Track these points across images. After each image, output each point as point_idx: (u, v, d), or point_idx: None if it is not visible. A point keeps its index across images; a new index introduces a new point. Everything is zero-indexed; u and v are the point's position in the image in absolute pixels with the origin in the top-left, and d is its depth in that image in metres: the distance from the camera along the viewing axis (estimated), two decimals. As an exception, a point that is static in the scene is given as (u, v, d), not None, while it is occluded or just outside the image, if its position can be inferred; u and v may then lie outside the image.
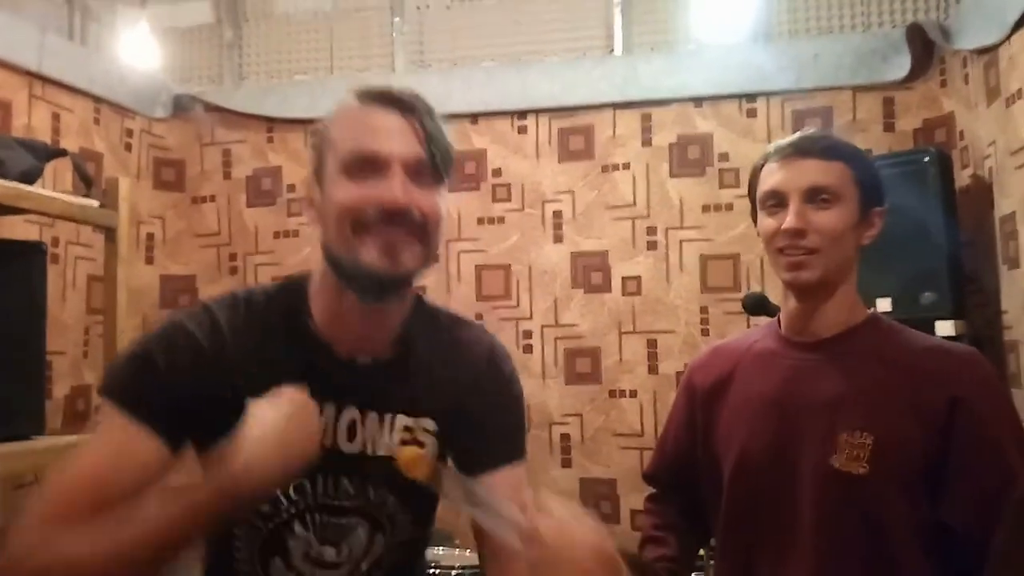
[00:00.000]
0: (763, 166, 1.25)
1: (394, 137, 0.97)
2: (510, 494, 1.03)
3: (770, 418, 1.24)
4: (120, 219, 2.21)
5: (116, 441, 0.96)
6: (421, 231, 0.98)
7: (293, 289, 1.09)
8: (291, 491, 1.04)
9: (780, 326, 1.31)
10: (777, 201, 1.21)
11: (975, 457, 1.10)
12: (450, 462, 1.12)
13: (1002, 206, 2.37)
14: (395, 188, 0.96)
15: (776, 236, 1.20)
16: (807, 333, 1.26)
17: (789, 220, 1.17)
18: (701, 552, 2.38)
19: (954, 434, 1.11)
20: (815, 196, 1.18)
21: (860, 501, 1.12)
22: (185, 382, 0.99)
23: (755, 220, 1.29)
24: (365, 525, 1.08)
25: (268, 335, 1.04)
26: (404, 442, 1.06)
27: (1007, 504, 1.01)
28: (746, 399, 1.29)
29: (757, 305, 1.55)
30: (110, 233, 2.22)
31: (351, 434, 1.06)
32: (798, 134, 1.25)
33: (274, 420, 0.88)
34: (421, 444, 1.07)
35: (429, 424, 1.09)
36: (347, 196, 0.97)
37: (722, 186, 3.00)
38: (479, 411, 1.11)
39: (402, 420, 1.07)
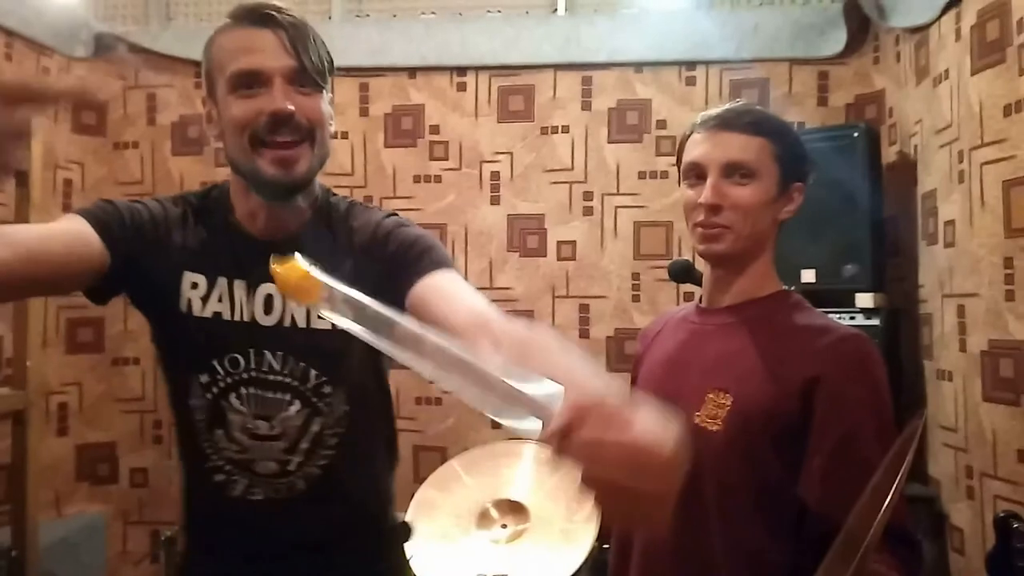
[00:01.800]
0: (689, 136, 1.25)
1: (269, 52, 1.07)
2: (448, 294, 1.06)
3: (663, 377, 1.30)
4: (32, 162, 2.09)
5: (70, 227, 1.08)
6: (309, 134, 1.10)
7: (220, 190, 1.23)
8: (226, 362, 1.15)
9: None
10: (697, 174, 1.22)
11: (829, 441, 1.11)
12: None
13: (925, 183, 2.45)
14: (277, 98, 1.06)
15: (694, 210, 1.22)
16: (715, 301, 1.30)
17: (705, 195, 1.19)
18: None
19: (813, 413, 1.12)
20: (733, 171, 1.18)
21: (711, 458, 1.16)
22: (137, 230, 1.14)
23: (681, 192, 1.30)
24: (297, 404, 1.16)
25: (199, 223, 1.19)
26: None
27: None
28: (653, 361, 1.36)
29: (682, 272, 1.57)
30: (21, 177, 2.10)
31: (268, 308, 1.16)
32: (725, 106, 1.25)
33: None
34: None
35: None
36: (238, 112, 1.08)
37: (658, 153, 3.01)
38: (381, 259, 1.16)
39: None
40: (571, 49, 3.04)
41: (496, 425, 2.84)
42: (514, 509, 1.74)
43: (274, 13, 1.09)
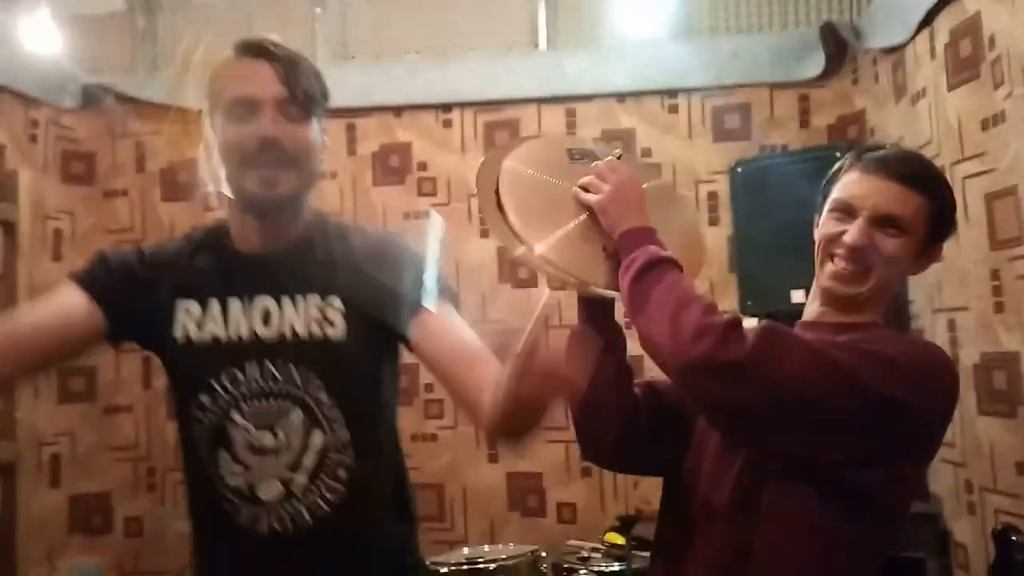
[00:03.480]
0: (845, 169, 1.19)
1: (261, 82, 1.15)
2: (440, 336, 1.19)
3: None
4: (20, 213, 2.10)
5: (62, 302, 1.20)
6: (294, 160, 1.16)
7: (219, 220, 1.29)
8: (225, 380, 1.19)
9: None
10: (846, 211, 1.15)
11: None
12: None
13: (909, 200, 2.46)
14: (265, 125, 1.14)
15: (835, 244, 1.15)
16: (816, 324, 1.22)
17: (853, 236, 1.12)
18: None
19: None
20: (885, 222, 1.12)
21: None
22: (127, 279, 1.22)
23: (817, 216, 1.22)
24: (298, 412, 1.19)
25: (195, 252, 1.26)
26: (316, 321, 1.19)
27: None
28: None
29: None
30: (8, 227, 2.12)
31: (266, 320, 1.20)
32: (890, 150, 1.20)
33: None
34: (331, 323, 1.20)
35: (336, 302, 1.21)
36: (231, 136, 1.15)
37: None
38: (378, 284, 1.21)
39: (312, 299, 1.21)
40: (554, 83, 3.08)
41: (493, 459, 2.85)
42: None
43: (269, 47, 1.18)
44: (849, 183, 1.16)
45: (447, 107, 3.15)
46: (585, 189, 1.22)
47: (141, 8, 3.36)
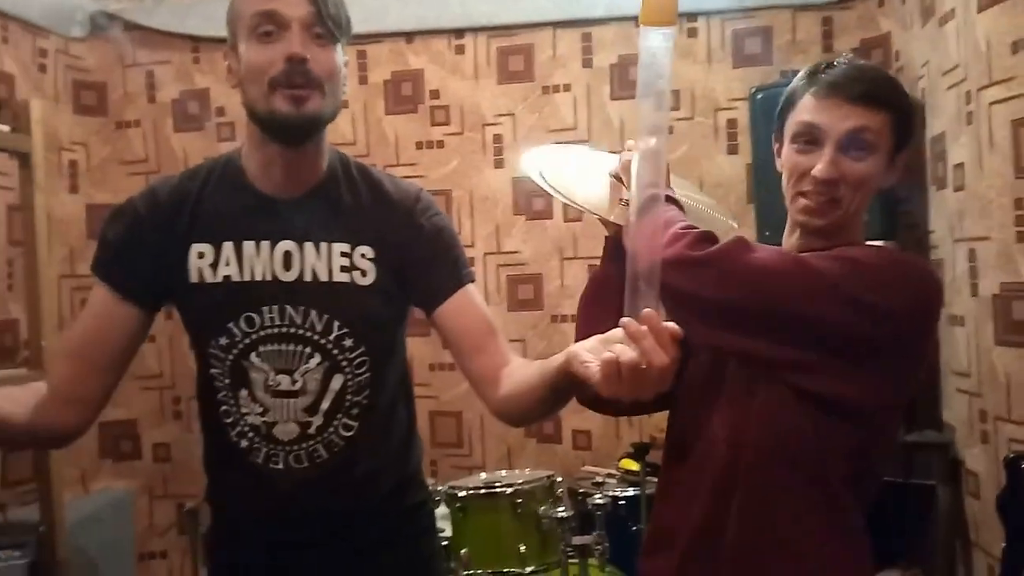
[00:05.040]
0: (800, 95, 1.16)
1: (290, 1, 1.12)
2: (471, 312, 1.23)
3: None
4: (34, 144, 2.09)
5: (96, 305, 1.22)
6: (319, 84, 1.13)
7: (229, 155, 1.26)
8: (242, 322, 1.18)
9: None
10: (809, 139, 1.13)
11: None
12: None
13: (933, 127, 2.41)
14: (294, 43, 1.11)
15: (802, 177, 1.14)
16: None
17: (822, 169, 1.10)
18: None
19: None
20: (851, 145, 1.11)
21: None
22: (130, 246, 1.21)
23: (778, 145, 1.22)
24: (317, 356, 1.19)
25: (205, 190, 1.22)
26: (343, 268, 1.19)
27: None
28: None
29: None
30: (24, 159, 2.10)
31: (287, 264, 1.19)
32: (845, 66, 1.15)
33: None
34: (362, 272, 1.20)
35: (368, 251, 1.21)
36: (256, 56, 1.12)
37: (663, 108, 2.97)
38: (419, 245, 1.23)
39: (339, 247, 1.20)
40: (569, 5, 3.00)
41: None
42: None
43: None
44: (810, 108, 1.13)
45: (460, 32, 3.08)
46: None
47: (145, -69, 3.27)
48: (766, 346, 1.07)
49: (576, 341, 1.07)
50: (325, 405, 1.20)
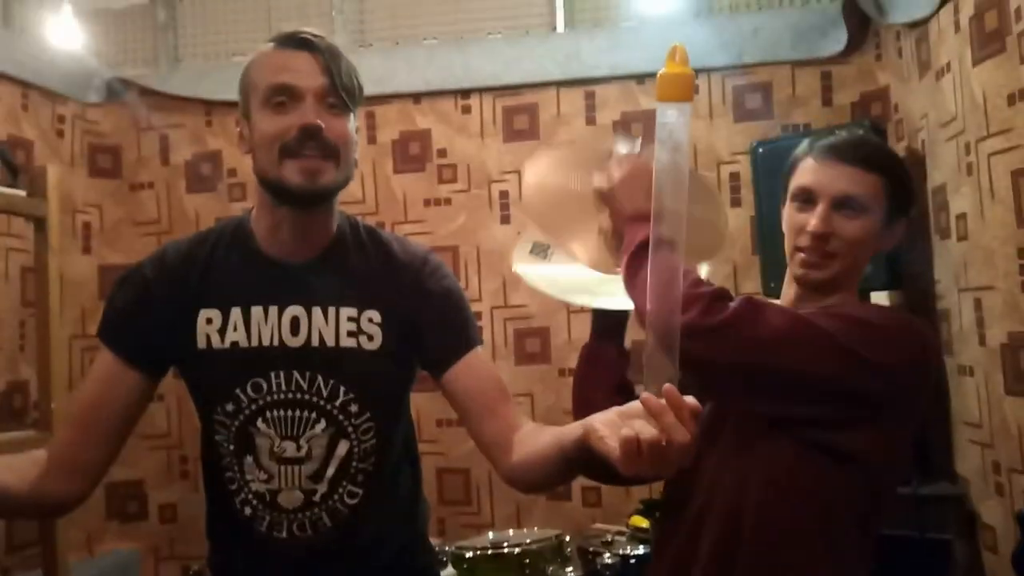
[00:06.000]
0: (801, 158, 1.24)
1: (304, 72, 1.13)
2: (481, 374, 1.22)
3: None
4: (50, 208, 2.14)
5: (100, 371, 1.21)
6: (334, 152, 1.13)
7: (239, 219, 1.27)
8: (249, 389, 1.18)
9: None
10: (806, 199, 1.21)
11: None
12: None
13: (934, 177, 2.43)
14: (309, 113, 1.11)
15: (800, 234, 1.21)
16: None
17: (814, 224, 1.18)
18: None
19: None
20: (843, 205, 1.18)
21: None
22: (137, 312, 1.20)
23: (783, 207, 1.29)
24: (323, 422, 1.19)
25: (214, 255, 1.22)
26: (350, 333, 1.19)
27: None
28: None
29: None
30: (39, 223, 2.14)
31: (295, 329, 1.19)
32: (842, 135, 1.24)
33: None
34: (369, 336, 1.20)
35: (375, 315, 1.20)
36: (270, 126, 1.13)
37: (666, 163, 3.01)
38: (427, 308, 1.23)
39: (346, 312, 1.20)
40: (572, 65, 3.06)
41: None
42: None
43: (311, 37, 1.15)
44: (807, 171, 1.22)
45: (466, 93, 3.15)
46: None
47: (161, 1, 3.39)
48: (781, 405, 1.11)
49: (576, 418, 1.10)
50: (330, 472, 1.19)
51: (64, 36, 3.08)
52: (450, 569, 2.24)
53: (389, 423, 1.24)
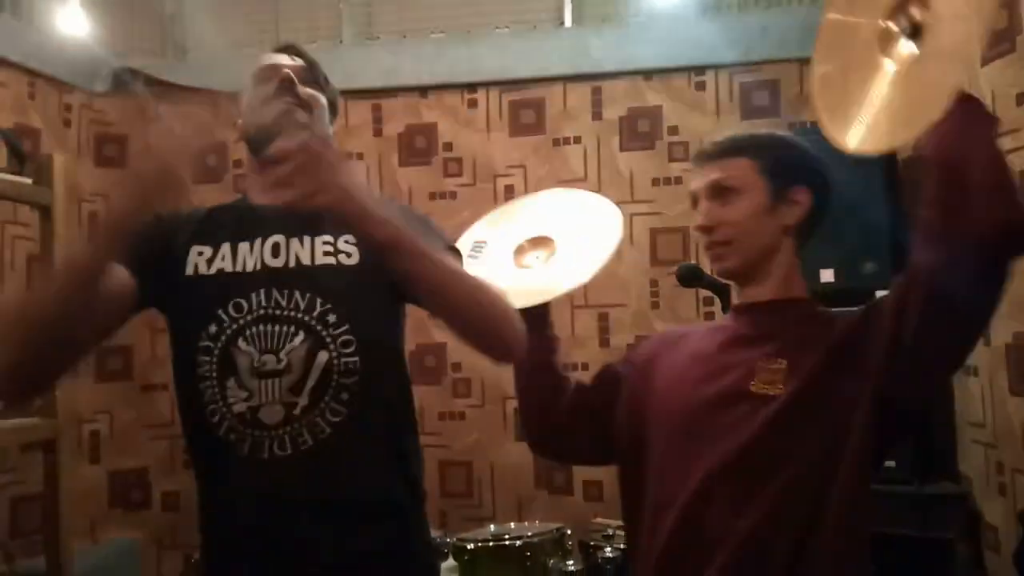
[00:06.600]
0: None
1: (284, 60, 1.34)
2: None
3: (696, 364, 1.29)
4: (56, 197, 2.14)
5: None
6: (306, 103, 1.29)
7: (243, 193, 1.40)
8: (231, 308, 1.23)
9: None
10: (694, 202, 1.31)
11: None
12: None
13: (941, 177, 2.42)
14: (285, 68, 1.30)
15: (699, 235, 1.31)
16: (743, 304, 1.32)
17: (698, 220, 1.28)
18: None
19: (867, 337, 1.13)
20: (718, 194, 1.25)
21: (774, 423, 1.14)
22: (145, 236, 1.18)
23: None
24: (301, 334, 1.22)
25: (214, 209, 1.35)
26: (327, 253, 1.27)
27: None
28: (682, 354, 1.33)
29: (689, 275, 1.48)
30: (45, 211, 2.14)
31: (275, 253, 1.27)
32: (706, 142, 1.34)
33: (140, 171, 1.17)
34: (347, 254, 1.27)
35: (350, 238, 1.28)
36: (252, 94, 1.31)
37: (671, 159, 3.01)
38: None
39: (323, 238, 1.28)
40: (579, 61, 3.06)
41: (520, 437, 2.83)
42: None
43: (295, 45, 1.38)
44: (690, 179, 1.33)
45: (472, 87, 3.15)
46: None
47: (169, -9, 3.39)
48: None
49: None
50: (310, 383, 1.20)
51: (72, 25, 3.08)
52: (451, 561, 2.24)
53: (370, 339, 1.24)
